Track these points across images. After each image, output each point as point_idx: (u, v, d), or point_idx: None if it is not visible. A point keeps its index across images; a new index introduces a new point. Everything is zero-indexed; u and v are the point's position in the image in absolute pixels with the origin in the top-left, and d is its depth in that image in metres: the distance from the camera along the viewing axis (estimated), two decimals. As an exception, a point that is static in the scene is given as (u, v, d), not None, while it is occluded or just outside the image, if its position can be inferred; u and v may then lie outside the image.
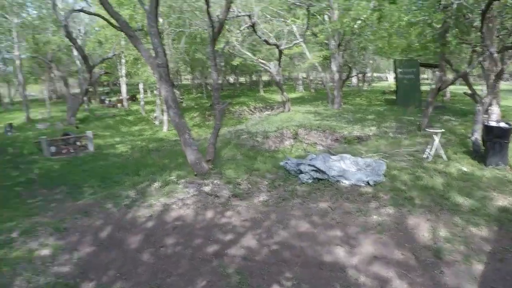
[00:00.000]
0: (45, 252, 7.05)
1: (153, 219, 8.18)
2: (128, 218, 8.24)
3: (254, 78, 63.65)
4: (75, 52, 37.80)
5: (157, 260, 6.50)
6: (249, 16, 17.80)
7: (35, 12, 39.76)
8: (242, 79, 68.14)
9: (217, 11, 17.85)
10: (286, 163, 10.45)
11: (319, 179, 9.44)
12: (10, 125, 27.99)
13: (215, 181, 9.96)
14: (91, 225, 7.99)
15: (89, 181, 14.33)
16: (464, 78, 16.33)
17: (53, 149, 21.54)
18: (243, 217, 7.89)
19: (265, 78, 60.03)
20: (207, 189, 9.55)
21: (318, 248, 6.61)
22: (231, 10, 17.70)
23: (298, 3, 25.04)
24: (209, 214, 8.22)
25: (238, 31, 23.31)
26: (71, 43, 29.40)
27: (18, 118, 34.98)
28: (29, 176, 16.58)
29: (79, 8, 22.52)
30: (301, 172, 9.68)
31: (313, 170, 9.56)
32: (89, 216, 8.47)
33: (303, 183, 9.31)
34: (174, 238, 7.24)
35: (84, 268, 6.39)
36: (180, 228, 7.67)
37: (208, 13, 11.54)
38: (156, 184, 10.42)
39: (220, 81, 31.29)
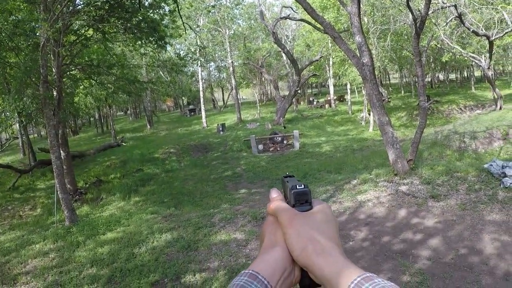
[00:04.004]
0: (241, 236, 7.87)
1: (347, 214, 8.41)
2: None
3: (465, 74, 59.26)
4: (284, 57, 40.22)
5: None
6: (455, 6, 16.59)
7: (244, 23, 43.48)
8: (452, 76, 63.84)
9: (421, 4, 17.14)
10: (491, 165, 9.63)
11: (524, 184, 8.50)
12: (223, 125, 31.23)
13: (414, 181, 9.68)
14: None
15: (292, 177, 15.21)
16: None
17: (260, 147, 23.38)
18: (436, 219, 7.58)
19: (477, 74, 55.34)
20: (404, 188, 9.37)
21: (508, 257, 6.00)
22: (435, 1, 16.84)
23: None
24: (402, 213, 8.09)
25: (445, 23, 22.00)
26: (280, 49, 31.34)
27: (230, 119, 38.81)
28: (236, 171, 18.33)
29: (285, 15, 23.83)
30: (505, 176, 8.85)
31: (518, 173, 8.66)
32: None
33: (506, 187, 8.47)
34: (364, 234, 7.33)
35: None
36: (371, 225, 7.72)
37: (409, 7, 11.17)
38: (355, 182, 10.63)
39: (425, 78, 29.82)
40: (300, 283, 0.80)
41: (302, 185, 0.84)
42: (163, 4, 14.88)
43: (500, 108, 24.05)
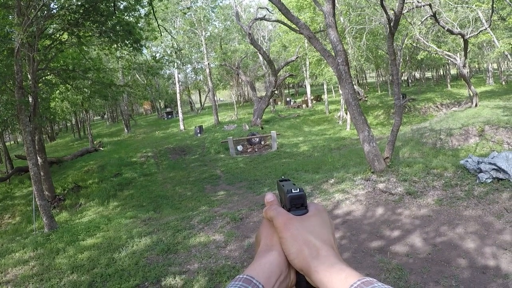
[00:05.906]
0: (220, 238, 7.90)
1: (325, 213, 8.49)
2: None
3: (441, 72, 60.21)
4: (261, 58, 40.28)
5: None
6: (430, 5, 16.81)
7: (221, 25, 43.52)
8: (428, 74, 64.81)
9: (396, 3, 17.30)
10: (467, 161, 9.81)
11: (499, 179, 8.67)
12: (200, 127, 31.18)
13: (391, 179, 9.80)
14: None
15: (269, 177, 15.31)
16: None
17: (238, 148, 23.41)
18: (413, 215, 7.70)
19: (453, 71, 56.28)
20: (381, 186, 9.48)
21: (485, 251, 6.12)
22: (410, 0, 17.08)
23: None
24: (380, 210, 8.19)
25: (420, 22, 22.29)
26: (256, 50, 31.39)
27: (208, 121, 38.71)
28: (214, 173, 18.33)
29: (261, 16, 23.91)
30: (481, 171, 9.02)
31: (493, 169, 8.79)
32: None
33: (482, 182, 8.64)
34: (342, 231, 7.41)
35: (253, 254, 7.00)
36: (350, 222, 7.82)
37: (383, 6, 11.23)
38: (332, 181, 10.69)
39: (400, 77, 30.16)
40: (297, 286, 0.81)
41: (298, 189, 0.84)
42: (138, 7, 14.81)
43: (476, 105, 24.42)
